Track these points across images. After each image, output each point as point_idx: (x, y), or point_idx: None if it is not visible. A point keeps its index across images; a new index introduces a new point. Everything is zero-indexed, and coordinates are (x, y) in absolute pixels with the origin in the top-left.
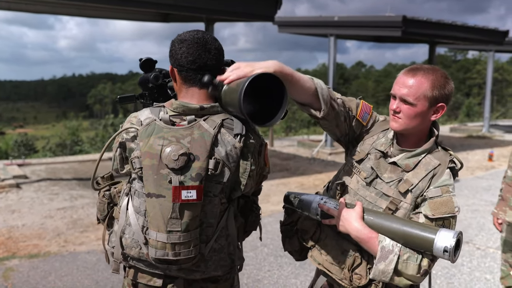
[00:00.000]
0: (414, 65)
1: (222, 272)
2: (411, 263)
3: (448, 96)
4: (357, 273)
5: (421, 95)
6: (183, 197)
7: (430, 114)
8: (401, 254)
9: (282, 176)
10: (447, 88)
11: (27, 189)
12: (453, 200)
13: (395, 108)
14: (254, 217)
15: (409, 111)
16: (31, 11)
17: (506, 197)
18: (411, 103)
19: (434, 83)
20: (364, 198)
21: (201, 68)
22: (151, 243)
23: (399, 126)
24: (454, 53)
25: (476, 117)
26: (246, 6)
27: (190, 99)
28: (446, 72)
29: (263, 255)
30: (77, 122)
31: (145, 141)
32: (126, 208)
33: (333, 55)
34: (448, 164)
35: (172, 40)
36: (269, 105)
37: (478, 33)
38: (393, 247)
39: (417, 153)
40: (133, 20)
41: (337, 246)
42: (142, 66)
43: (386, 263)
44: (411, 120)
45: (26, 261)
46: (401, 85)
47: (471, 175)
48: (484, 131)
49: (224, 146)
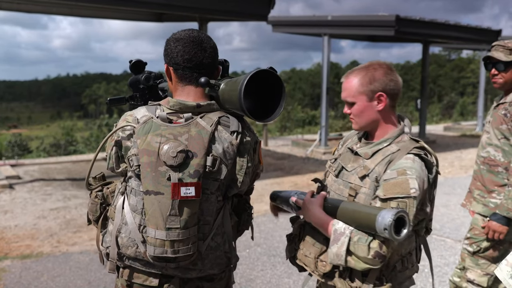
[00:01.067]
0: None
1: (218, 270)
2: (360, 245)
3: (384, 84)
4: (322, 260)
5: (356, 93)
6: (182, 194)
7: (373, 105)
8: (352, 236)
9: (276, 175)
10: (379, 78)
11: (20, 189)
12: (410, 181)
13: (345, 111)
14: (246, 216)
15: (354, 110)
16: (22, 10)
17: (471, 189)
18: (352, 103)
19: (363, 78)
20: (335, 191)
21: (197, 67)
22: (150, 241)
23: (355, 126)
24: (448, 52)
25: (470, 116)
26: (239, 6)
27: (186, 97)
28: (385, 63)
29: (256, 255)
30: (71, 122)
31: (142, 138)
32: (122, 207)
33: (327, 54)
34: (412, 150)
35: (167, 39)
36: (267, 101)
37: (471, 33)
38: (344, 230)
39: (377, 143)
40: (127, 19)
41: (311, 240)
42: (132, 67)
43: (339, 245)
44: (360, 118)
45: (18, 262)
46: (342, 90)
47: (464, 174)
48: (477, 130)
49: (221, 143)
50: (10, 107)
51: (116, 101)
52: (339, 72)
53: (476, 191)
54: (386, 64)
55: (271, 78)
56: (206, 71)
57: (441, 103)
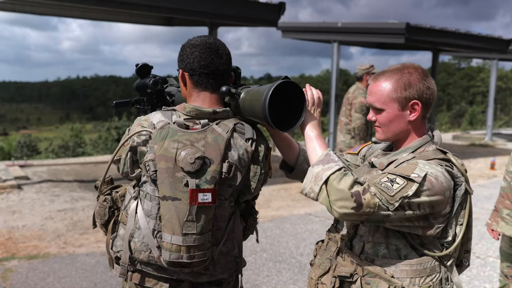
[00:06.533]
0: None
1: (228, 275)
2: (347, 177)
3: (420, 91)
4: (322, 282)
5: (386, 99)
6: (200, 200)
7: (406, 115)
8: (343, 170)
9: (284, 181)
10: (415, 84)
11: (28, 190)
12: (416, 168)
13: (371, 117)
14: (252, 220)
15: (382, 118)
16: (35, 13)
17: (499, 207)
18: (380, 109)
19: (397, 83)
20: None
21: (213, 73)
22: (165, 246)
23: (380, 135)
24: (458, 61)
25: (479, 125)
26: (250, 11)
27: (202, 103)
28: (420, 67)
29: (262, 260)
30: (80, 125)
31: (159, 144)
32: (135, 212)
33: (336, 61)
34: (432, 161)
35: (182, 45)
36: (285, 109)
37: (481, 41)
38: (337, 161)
39: (396, 152)
40: (137, 23)
41: (319, 261)
42: (138, 71)
43: (325, 167)
44: (387, 127)
45: (25, 262)
46: (369, 93)
47: (472, 183)
48: (486, 139)
49: (237, 150)
50: (20, 108)
51: (122, 104)
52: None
53: (505, 211)
54: (422, 68)
55: (290, 87)
56: (221, 78)
57: (450, 112)
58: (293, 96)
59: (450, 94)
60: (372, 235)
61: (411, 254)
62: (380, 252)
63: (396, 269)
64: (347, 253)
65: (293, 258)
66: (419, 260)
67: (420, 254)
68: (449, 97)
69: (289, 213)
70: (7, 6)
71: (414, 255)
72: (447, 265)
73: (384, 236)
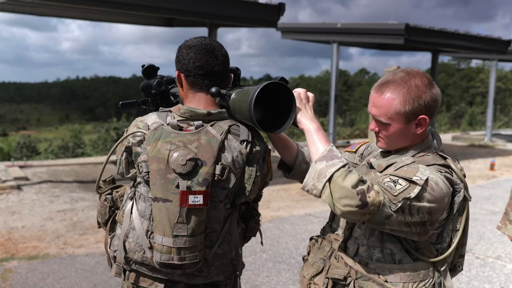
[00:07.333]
0: (385, 77)
1: (223, 277)
2: (352, 175)
3: (428, 105)
4: (315, 282)
5: (393, 114)
6: (190, 202)
7: (411, 129)
8: (347, 167)
9: (284, 182)
10: (424, 97)
11: (28, 190)
12: (417, 172)
13: (373, 128)
14: (254, 223)
15: (387, 132)
16: (35, 13)
17: (507, 210)
18: (385, 123)
19: (405, 97)
20: None
21: (208, 74)
22: (157, 248)
23: (382, 145)
24: (458, 61)
25: (478, 126)
26: (249, 12)
27: (197, 105)
28: (425, 75)
29: (262, 261)
30: (80, 125)
31: (152, 145)
32: (130, 212)
33: (336, 61)
34: (432, 166)
35: (179, 46)
36: (277, 111)
37: (481, 42)
38: (341, 157)
39: (396, 155)
40: (137, 24)
41: (312, 260)
42: (144, 72)
43: (329, 164)
44: (392, 140)
45: (25, 263)
46: (371, 104)
47: (472, 184)
48: (486, 140)
49: (231, 152)
50: (19, 109)
51: (128, 105)
52: (348, 79)
53: None
54: (427, 76)
55: (278, 89)
56: (217, 79)
57: (449, 112)
58: (283, 98)
59: (450, 94)
60: (367, 238)
61: (405, 259)
62: (374, 255)
63: (389, 273)
64: (341, 255)
65: (293, 259)
66: (413, 265)
67: (415, 258)
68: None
69: (289, 213)
70: (7, 6)
71: (409, 259)
72: (440, 270)
73: (379, 240)
